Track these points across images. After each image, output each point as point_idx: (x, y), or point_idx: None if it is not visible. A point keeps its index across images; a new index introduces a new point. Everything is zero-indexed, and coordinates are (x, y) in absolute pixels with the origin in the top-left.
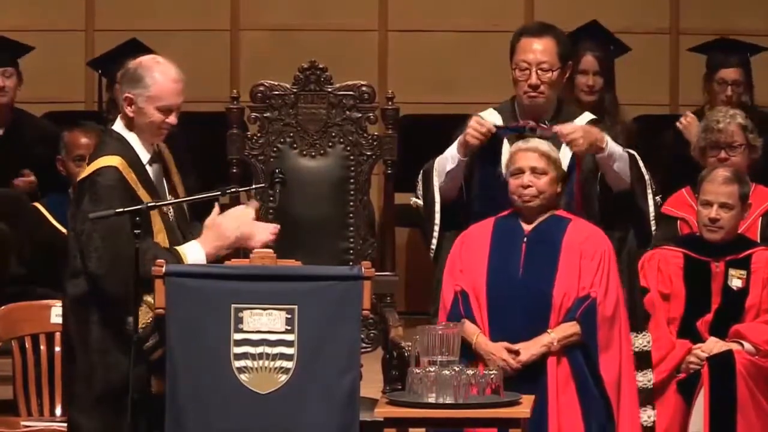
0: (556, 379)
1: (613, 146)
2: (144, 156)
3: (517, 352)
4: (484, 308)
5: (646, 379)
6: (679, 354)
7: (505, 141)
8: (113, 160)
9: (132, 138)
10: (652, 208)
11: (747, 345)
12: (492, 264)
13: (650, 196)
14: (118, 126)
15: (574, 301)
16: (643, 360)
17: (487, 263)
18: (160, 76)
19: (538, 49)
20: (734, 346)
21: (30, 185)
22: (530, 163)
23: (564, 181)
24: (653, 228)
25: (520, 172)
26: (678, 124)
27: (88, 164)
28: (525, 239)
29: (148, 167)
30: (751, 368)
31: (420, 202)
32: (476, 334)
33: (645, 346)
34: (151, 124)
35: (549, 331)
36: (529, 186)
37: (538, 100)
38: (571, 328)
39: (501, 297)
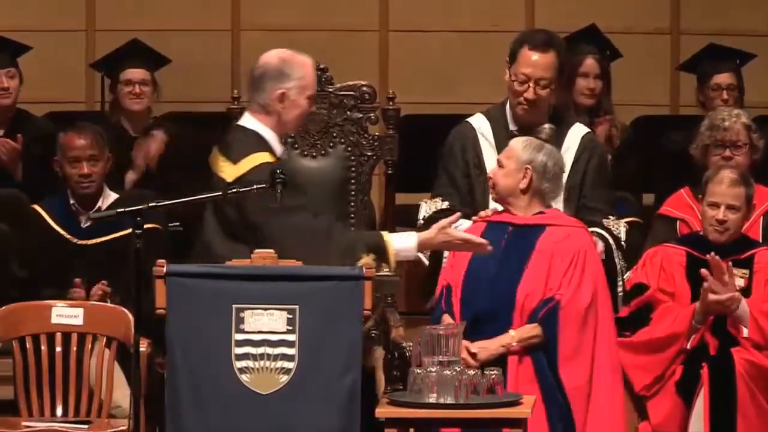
0: (516, 380)
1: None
2: (278, 152)
3: (474, 355)
4: (458, 304)
5: None
6: (686, 314)
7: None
8: (266, 157)
9: (268, 135)
10: (619, 289)
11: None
12: (472, 261)
13: (619, 281)
14: (251, 123)
15: (539, 303)
16: None
17: (469, 260)
18: (305, 66)
19: (540, 64)
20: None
21: (11, 151)
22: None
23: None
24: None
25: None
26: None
27: (234, 162)
28: (505, 237)
29: None
30: (750, 369)
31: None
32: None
33: None
34: (300, 115)
35: (510, 330)
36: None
37: (531, 114)
38: (534, 329)
39: (472, 294)
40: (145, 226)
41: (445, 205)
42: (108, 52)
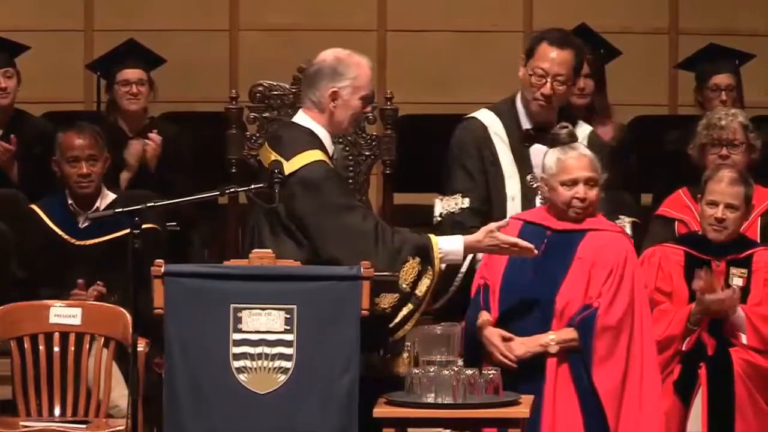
0: (554, 382)
1: None
2: (330, 150)
3: (510, 339)
4: (496, 305)
5: None
6: (681, 316)
7: (533, 148)
8: (318, 154)
9: (321, 133)
10: None
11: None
12: (510, 264)
13: None
14: (304, 120)
15: (578, 309)
16: None
17: (506, 262)
18: (361, 66)
19: (558, 61)
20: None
21: (5, 152)
22: (585, 173)
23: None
24: None
25: (575, 183)
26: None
27: (287, 159)
28: (545, 242)
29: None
30: (748, 369)
31: None
32: (484, 320)
33: None
34: (354, 115)
35: (550, 332)
36: (584, 198)
37: (547, 110)
38: (572, 333)
39: (511, 297)
40: (143, 226)
41: (466, 202)
42: (105, 52)
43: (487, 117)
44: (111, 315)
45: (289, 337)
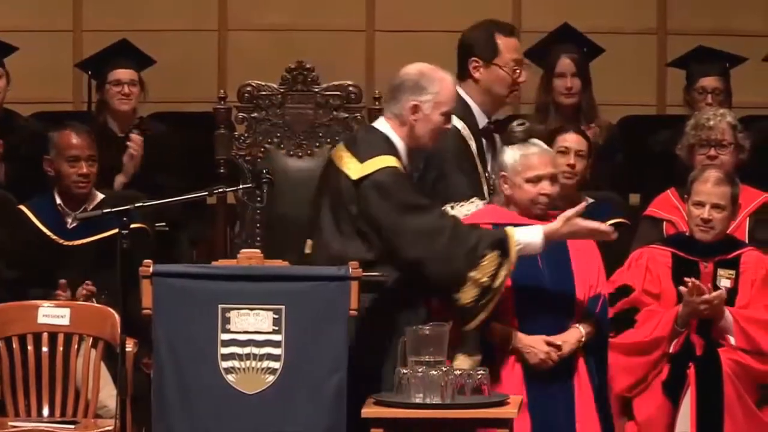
0: (579, 379)
1: None
2: (404, 161)
3: (558, 347)
4: (511, 306)
5: None
6: (669, 317)
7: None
8: (393, 161)
9: (399, 144)
10: None
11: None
12: (517, 267)
13: None
14: (384, 127)
15: (588, 300)
16: None
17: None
18: (444, 82)
19: (519, 47)
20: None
21: None
22: (549, 170)
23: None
24: None
25: (539, 180)
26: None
27: (361, 160)
28: None
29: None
30: (737, 369)
31: None
32: (513, 330)
33: None
34: (434, 130)
35: (577, 326)
36: (549, 194)
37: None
38: (589, 326)
39: (526, 298)
40: (132, 226)
41: (481, 204)
42: (95, 52)
43: (455, 121)
44: (99, 315)
45: (278, 337)
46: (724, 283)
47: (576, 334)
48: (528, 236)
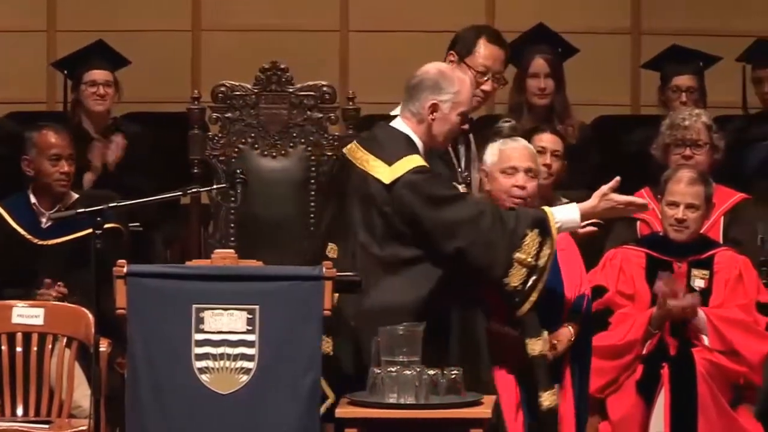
0: (565, 381)
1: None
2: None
3: (554, 346)
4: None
5: None
6: (642, 320)
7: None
8: (419, 159)
9: (419, 143)
10: None
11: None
12: None
13: None
14: (402, 127)
15: (574, 299)
16: None
17: None
18: (463, 83)
19: (500, 58)
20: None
21: None
22: (526, 162)
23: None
24: None
25: (515, 171)
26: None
27: (389, 163)
28: None
29: None
30: (711, 369)
31: None
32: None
33: None
34: (450, 130)
35: (567, 325)
36: (524, 186)
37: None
38: (577, 325)
39: None
40: (106, 226)
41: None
42: (69, 53)
43: None
44: (73, 315)
45: (251, 337)
46: (698, 283)
47: (567, 333)
48: (566, 214)
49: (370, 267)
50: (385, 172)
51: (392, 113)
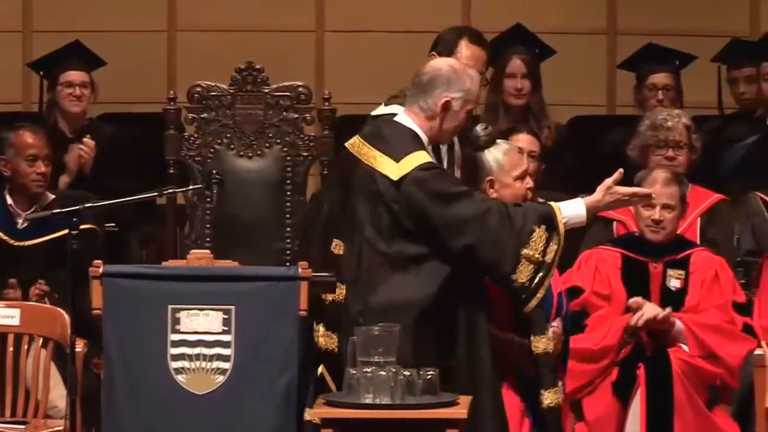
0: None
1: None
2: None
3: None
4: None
5: None
6: (618, 326)
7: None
8: (425, 156)
9: (424, 139)
10: None
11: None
12: None
13: None
14: (407, 122)
15: (556, 298)
16: None
17: None
18: (473, 81)
19: (483, 59)
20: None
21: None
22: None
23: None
24: None
25: (525, 175)
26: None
27: (396, 160)
28: None
29: None
30: (687, 369)
31: None
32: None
33: None
34: (457, 126)
35: (553, 324)
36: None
37: None
38: (560, 325)
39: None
40: (82, 226)
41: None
42: (45, 53)
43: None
44: (49, 315)
45: (227, 338)
46: (674, 283)
47: (558, 331)
48: (572, 209)
49: (377, 264)
50: (392, 169)
51: (373, 114)
